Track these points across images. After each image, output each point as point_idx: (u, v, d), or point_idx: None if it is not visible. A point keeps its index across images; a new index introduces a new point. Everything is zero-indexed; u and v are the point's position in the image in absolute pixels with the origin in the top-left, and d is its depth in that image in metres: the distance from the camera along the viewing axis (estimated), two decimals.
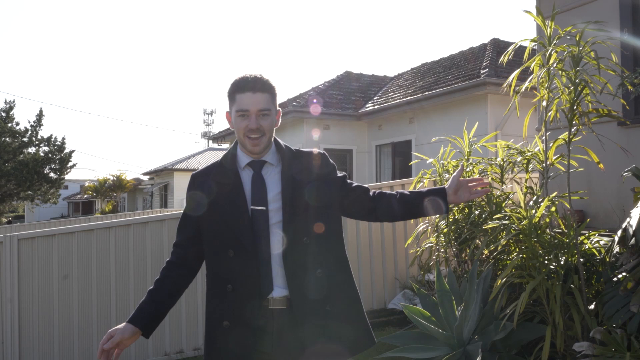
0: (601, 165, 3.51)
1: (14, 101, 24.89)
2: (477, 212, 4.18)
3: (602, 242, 3.62)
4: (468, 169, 4.59)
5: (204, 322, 1.98)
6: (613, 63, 3.23)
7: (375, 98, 13.33)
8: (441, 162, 4.73)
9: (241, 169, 1.94)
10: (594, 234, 3.70)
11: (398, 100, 11.45)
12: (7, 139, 24.73)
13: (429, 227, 4.84)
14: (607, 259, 3.38)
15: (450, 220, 4.53)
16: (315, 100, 12.38)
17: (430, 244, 4.74)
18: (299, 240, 1.86)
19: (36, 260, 4.62)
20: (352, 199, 2.05)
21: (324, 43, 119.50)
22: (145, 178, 35.97)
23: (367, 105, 12.82)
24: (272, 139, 1.96)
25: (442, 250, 4.65)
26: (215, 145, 28.76)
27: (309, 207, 1.90)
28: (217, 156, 30.03)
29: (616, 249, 3.34)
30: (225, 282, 1.87)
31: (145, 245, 4.98)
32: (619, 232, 3.17)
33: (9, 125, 25.24)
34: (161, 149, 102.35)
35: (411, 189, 5.20)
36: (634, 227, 3.04)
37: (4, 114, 25.28)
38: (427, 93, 10.55)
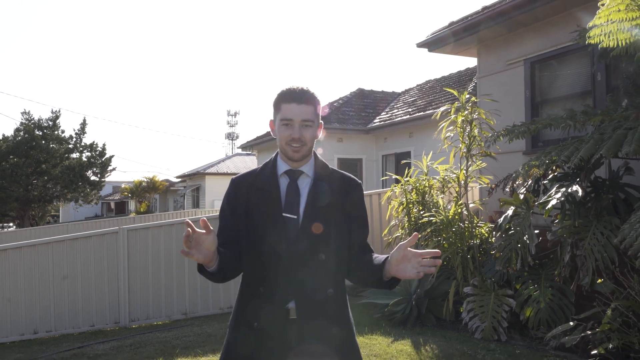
0: (489, 184, 5.72)
1: (59, 111, 27.49)
2: (422, 212, 6.40)
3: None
4: (423, 183, 6.80)
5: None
6: (493, 124, 5.46)
7: (383, 113, 15.52)
8: (405, 179, 6.94)
9: (279, 177, 1.95)
10: (486, 225, 5.92)
11: (399, 118, 13.64)
12: (54, 145, 27.38)
13: (398, 222, 7.07)
14: (491, 240, 5.59)
15: (412, 217, 6.75)
16: (328, 111, 14.75)
17: (398, 234, 6.97)
18: (315, 255, 1.86)
19: (138, 244, 7.03)
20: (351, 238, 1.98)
21: (340, 59, 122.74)
22: (177, 180, 37.61)
23: (375, 121, 15.03)
24: (312, 151, 1.99)
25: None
26: (243, 152, 30.19)
27: (329, 223, 1.89)
28: (244, 161, 31.72)
29: (497, 234, 5.55)
30: (257, 284, 1.89)
31: None
32: (493, 225, 5.37)
33: (55, 132, 27.86)
34: (188, 152, 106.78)
35: (385, 198, 7.46)
36: (500, 222, 5.25)
37: (50, 123, 27.91)
38: (420, 114, 12.75)
